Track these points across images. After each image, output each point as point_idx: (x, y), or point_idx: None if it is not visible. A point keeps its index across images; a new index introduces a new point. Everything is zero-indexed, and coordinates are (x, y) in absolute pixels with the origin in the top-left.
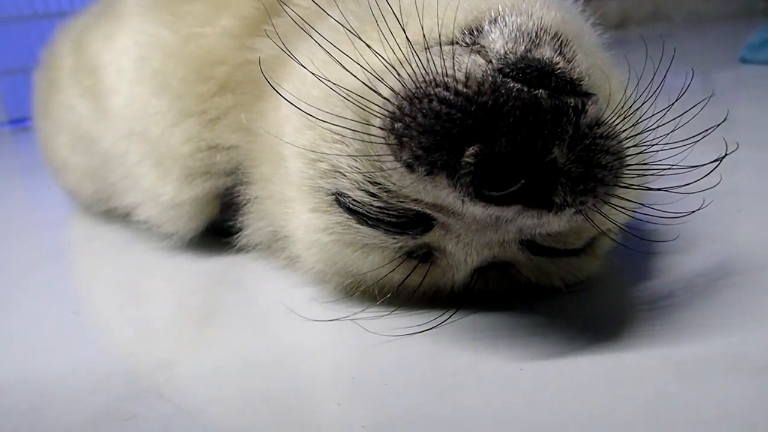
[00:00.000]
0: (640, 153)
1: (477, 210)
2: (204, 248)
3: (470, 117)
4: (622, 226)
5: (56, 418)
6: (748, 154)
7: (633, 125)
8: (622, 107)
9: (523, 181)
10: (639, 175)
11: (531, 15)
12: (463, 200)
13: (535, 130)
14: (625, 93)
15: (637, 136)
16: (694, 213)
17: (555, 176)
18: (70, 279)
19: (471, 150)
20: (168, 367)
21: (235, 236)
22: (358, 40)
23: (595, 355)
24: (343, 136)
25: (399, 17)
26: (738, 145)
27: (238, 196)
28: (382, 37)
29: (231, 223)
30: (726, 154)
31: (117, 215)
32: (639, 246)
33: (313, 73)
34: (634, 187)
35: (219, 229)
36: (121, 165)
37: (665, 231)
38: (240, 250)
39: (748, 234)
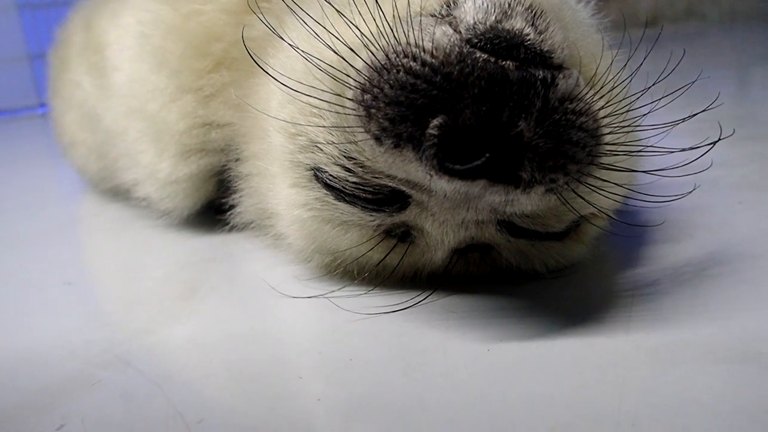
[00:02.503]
0: (625, 133)
1: (444, 185)
2: (201, 225)
3: (435, 87)
4: (608, 212)
5: (26, 381)
6: (764, 147)
7: (616, 104)
8: (604, 85)
9: (487, 154)
10: (621, 156)
11: None
12: (430, 174)
13: (500, 102)
14: (610, 72)
15: (621, 116)
16: (692, 203)
17: (521, 151)
18: (69, 251)
19: (435, 122)
20: (142, 337)
21: (229, 214)
22: (341, 15)
23: (566, 339)
24: (320, 109)
25: None
26: (734, 130)
27: (233, 174)
28: (364, 11)
29: (225, 201)
30: (719, 139)
31: (121, 193)
32: (629, 232)
33: (293, 46)
34: (615, 167)
35: (216, 207)
36: (122, 142)
37: (658, 218)
38: (234, 228)
39: (745, 225)
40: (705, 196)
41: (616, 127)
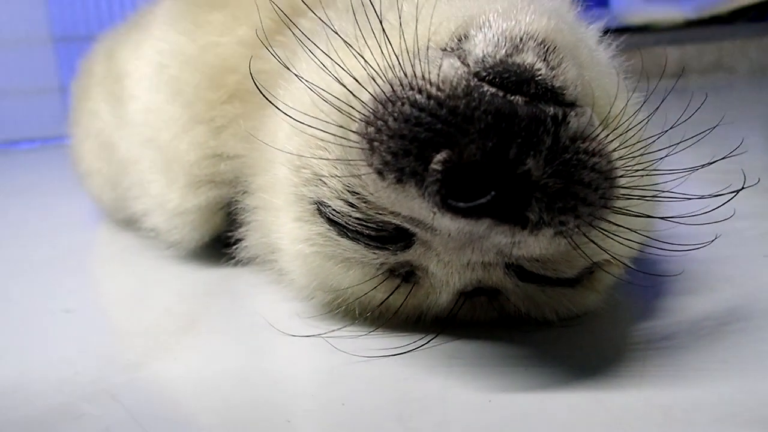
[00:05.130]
0: (641, 177)
1: (447, 223)
2: (207, 258)
3: (440, 121)
4: (623, 260)
5: (8, 412)
6: None
7: (632, 146)
8: (620, 126)
9: (492, 192)
10: (636, 200)
11: (519, 21)
12: (432, 212)
13: (507, 138)
14: (627, 113)
15: (637, 159)
16: (714, 254)
17: (529, 190)
18: (75, 279)
19: (439, 156)
20: (133, 371)
21: (235, 248)
22: (349, 47)
23: (573, 392)
24: (325, 141)
25: (382, 25)
26: (759, 179)
27: (241, 207)
28: (372, 44)
29: (232, 234)
30: (743, 188)
31: (134, 223)
32: (647, 282)
33: (298, 77)
34: (630, 212)
35: (223, 240)
36: (135, 171)
37: (678, 268)
38: (239, 262)
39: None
40: (728, 248)
41: (631, 169)
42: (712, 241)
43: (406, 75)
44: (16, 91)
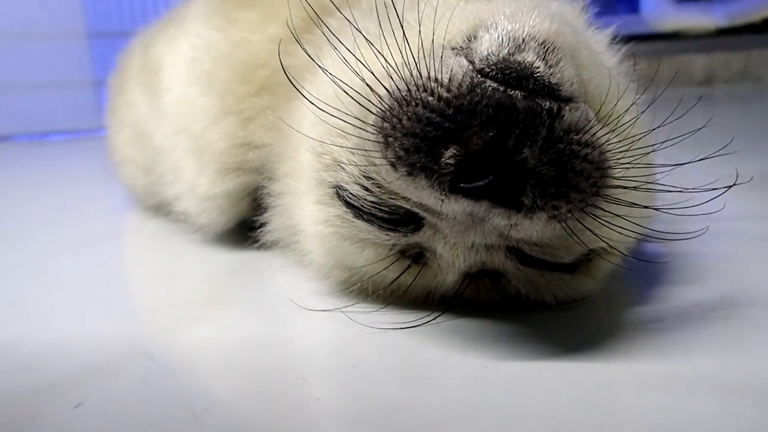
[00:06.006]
0: (635, 169)
1: (453, 206)
2: (233, 242)
3: (448, 120)
4: (620, 248)
5: (53, 365)
6: None
7: (628, 141)
8: (617, 122)
9: (490, 177)
10: (633, 191)
11: (524, 24)
12: (440, 200)
13: (506, 129)
14: (627, 112)
15: (633, 153)
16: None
17: (524, 176)
18: (111, 257)
19: (449, 152)
20: (165, 335)
21: (259, 231)
22: (371, 45)
23: (562, 363)
24: (344, 131)
25: (402, 26)
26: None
27: (267, 193)
28: (391, 43)
29: (257, 219)
30: (735, 184)
31: (164, 208)
32: (644, 270)
33: (323, 70)
34: (623, 202)
35: (248, 224)
36: (168, 158)
37: (676, 261)
38: (263, 245)
39: (760, 273)
40: (728, 246)
41: (625, 162)
42: (704, 232)
43: (420, 75)
44: (51, 84)
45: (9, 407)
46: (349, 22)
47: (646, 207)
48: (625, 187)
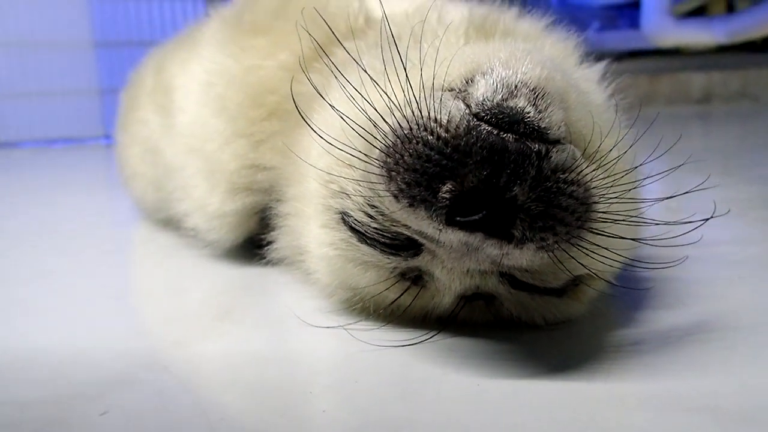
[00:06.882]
0: (620, 203)
1: (450, 236)
2: (240, 258)
3: (445, 158)
4: (604, 276)
5: (79, 374)
6: None
7: (614, 177)
8: (603, 160)
9: (484, 211)
10: (617, 224)
11: (516, 71)
12: (438, 229)
13: (499, 168)
14: (614, 149)
15: (618, 188)
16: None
17: (515, 211)
18: (122, 269)
19: (446, 187)
20: (179, 348)
21: (266, 249)
22: (375, 84)
23: (548, 381)
24: (350, 163)
25: (404, 65)
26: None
27: (274, 213)
28: (395, 82)
29: (264, 236)
30: (712, 216)
31: (173, 223)
32: (629, 296)
33: (332, 106)
34: (607, 234)
35: (256, 242)
36: (179, 176)
37: (658, 286)
38: (269, 262)
39: (738, 299)
40: (709, 270)
41: (609, 196)
42: (682, 261)
43: (422, 115)
44: (58, 92)
45: (41, 412)
46: (355, 60)
47: (629, 239)
48: (609, 221)
